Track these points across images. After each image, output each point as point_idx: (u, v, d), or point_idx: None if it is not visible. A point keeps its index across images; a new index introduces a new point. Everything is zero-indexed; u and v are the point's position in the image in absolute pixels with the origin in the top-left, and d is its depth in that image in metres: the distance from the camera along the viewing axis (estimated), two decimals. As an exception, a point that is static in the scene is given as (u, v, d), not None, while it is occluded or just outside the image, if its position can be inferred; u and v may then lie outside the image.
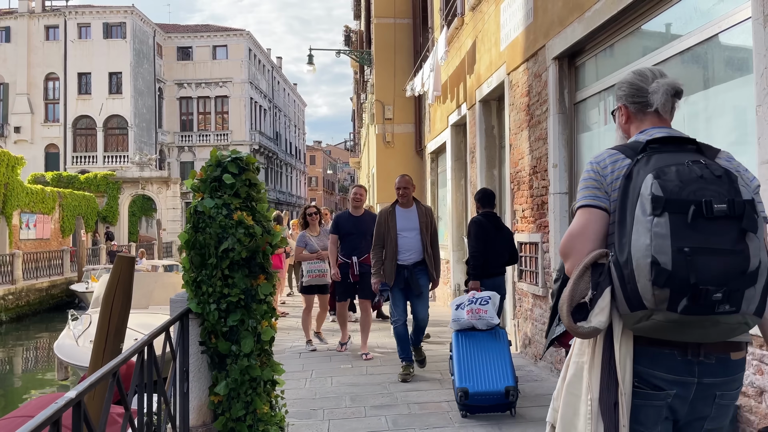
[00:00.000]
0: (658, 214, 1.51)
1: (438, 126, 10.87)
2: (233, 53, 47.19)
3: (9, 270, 17.72)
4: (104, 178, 31.86)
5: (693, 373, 1.62)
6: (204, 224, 3.34)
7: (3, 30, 42.13)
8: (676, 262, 1.48)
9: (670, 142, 1.72)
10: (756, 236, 1.52)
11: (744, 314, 1.52)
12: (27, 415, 4.79)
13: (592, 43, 4.89)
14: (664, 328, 1.57)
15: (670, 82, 1.85)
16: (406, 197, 5.57)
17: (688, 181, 1.53)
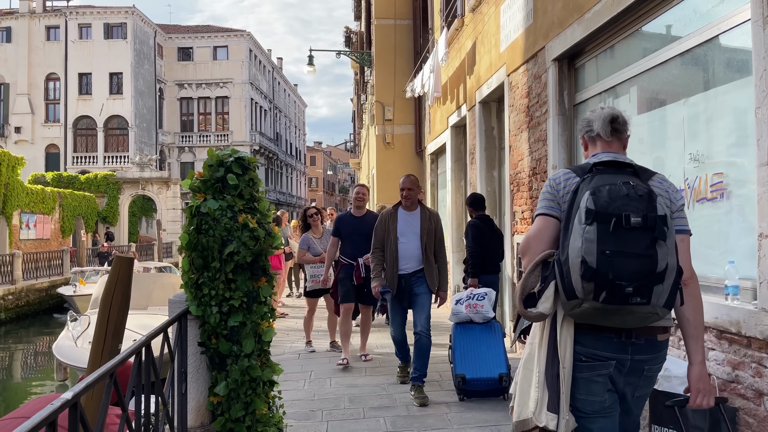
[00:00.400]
0: (589, 223, 1.89)
1: (438, 127, 10.87)
2: (234, 54, 47.23)
3: (9, 270, 17.72)
4: (104, 179, 31.88)
5: (627, 352, 2.02)
6: (207, 226, 3.33)
7: (4, 30, 42.17)
8: (600, 262, 1.86)
9: (612, 165, 2.09)
10: (665, 244, 1.88)
11: (654, 306, 1.89)
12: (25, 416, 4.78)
13: (591, 44, 4.89)
14: (591, 314, 1.94)
15: (606, 110, 2.26)
16: (410, 199, 5.07)
17: (616, 198, 1.91)
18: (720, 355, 3.16)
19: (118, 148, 41.51)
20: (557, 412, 2.00)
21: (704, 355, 2.19)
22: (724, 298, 3.16)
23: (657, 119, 4.11)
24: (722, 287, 3.21)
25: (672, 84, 3.96)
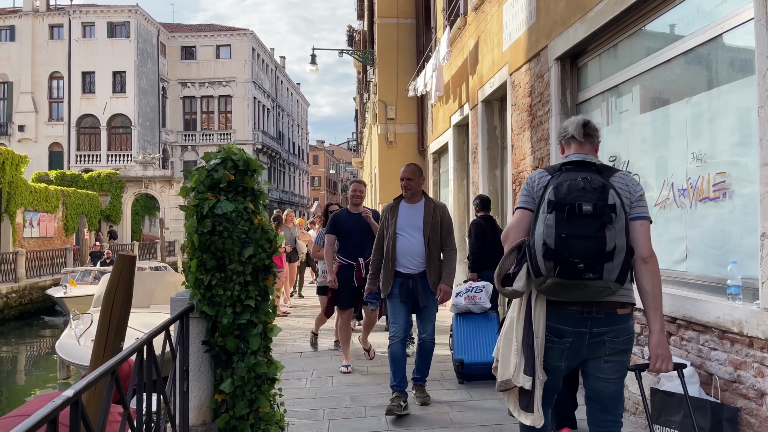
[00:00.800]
0: (549, 212, 2.29)
1: (440, 126, 10.86)
2: (237, 53, 47.27)
3: (12, 268, 17.77)
4: (107, 177, 31.94)
5: (586, 326, 2.40)
6: (223, 228, 3.34)
7: (8, 29, 42.28)
8: (557, 243, 2.25)
9: (580, 164, 2.44)
10: (614, 227, 2.24)
11: (606, 281, 2.25)
12: (26, 414, 4.80)
13: (594, 43, 4.88)
14: (554, 289, 2.32)
15: (579, 116, 2.68)
16: (411, 190, 4.53)
17: (573, 191, 2.29)
18: (722, 355, 3.15)
19: (121, 147, 41.58)
20: (532, 374, 2.41)
21: (663, 324, 2.47)
22: (727, 297, 3.15)
23: (660, 118, 4.10)
24: (724, 287, 3.20)
25: (675, 83, 3.95)
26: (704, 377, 3.27)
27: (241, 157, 3.60)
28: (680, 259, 3.76)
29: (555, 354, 2.46)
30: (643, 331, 3.91)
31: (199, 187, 3.43)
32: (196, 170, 3.51)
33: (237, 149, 3.69)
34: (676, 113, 3.89)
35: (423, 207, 4.54)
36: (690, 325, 3.41)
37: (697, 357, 3.34)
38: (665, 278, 3.86)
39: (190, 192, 3.48)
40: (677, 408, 3.21)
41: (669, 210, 3.88)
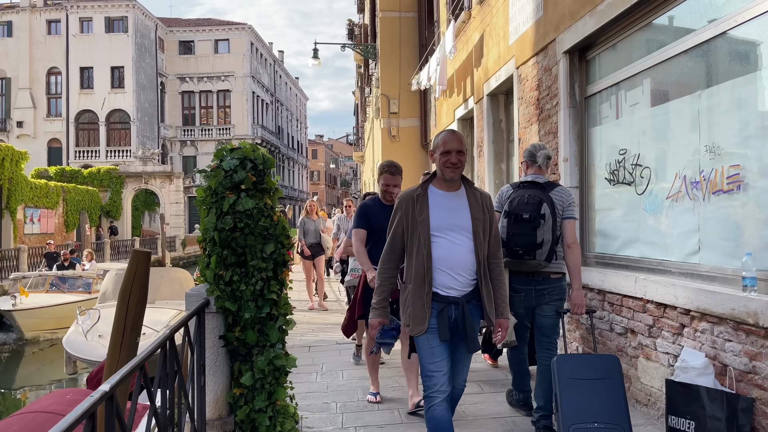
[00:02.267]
0: (504, 218, 3.87)
1: (444, 120, 10.86)
2: (235, 47, 47.14)
3: (15, 264, 17.78)
4: (107, 173, 31.92)
5: (532, 285, 3.92)
6: (244, 224, 3.37)
7: (5, 24, 42.12)
8: (508, 238, 3.82)
9: (531, 183, 3.91)
10: (543, 228, 3.76)
11: (538, 260, 3.79)
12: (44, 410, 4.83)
13: (603, 36, 4.88)
14: (511, 264, 3.85)
15: (545, 150, 4.07)
16: (459, 168, 2.99)
17: (519, 204, 3.82)
18: (737, 347, 3.18)
19: (120, 142, 41.52)
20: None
21: (580, 284, 3.86)
22: (742, 289, 3.17)
23: (671, 111, 4.11)
24: (739, 279, 3.22)
25: (686, 76, 3.96)
26: (719, 368, 3.29)
27: (259, 156, 3.62)
28: (693, 251, 3.78)
29: (517, 303, 3.97)
30: (655, 323, 3.93)
31: (218, 188, 3.46)
32: (213, 172, 3.53)
33: (252, 146, 3.72)
34: (688, 106, 3.90)
35: (466, 196, 3.03)
36: (704, 316, 3.43)
37: (711, 348, 3.37)
38: (678, 270, 3.89)
39: (208, 192, 3.50)
40: (692, 399, 3.23)
41: (681, 203, 3.89)
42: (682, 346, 3.60)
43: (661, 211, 4.12)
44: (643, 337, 4.06)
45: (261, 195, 3.65)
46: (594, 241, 5.14)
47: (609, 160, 4.86)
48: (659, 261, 4.12)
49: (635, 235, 4.49)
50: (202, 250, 3.61)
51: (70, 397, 5.38)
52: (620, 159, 4.66)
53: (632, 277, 4.19)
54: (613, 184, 4.80)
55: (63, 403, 4.58)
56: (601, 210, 5.06)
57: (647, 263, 4.25)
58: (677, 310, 3.68)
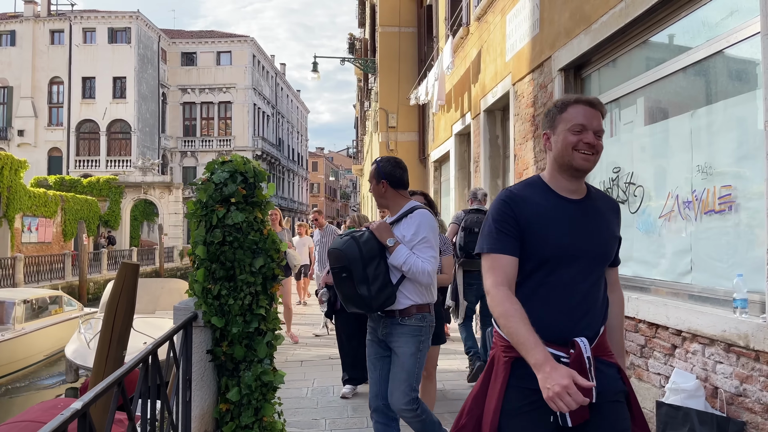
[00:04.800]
0: (461, 231, 5.53)
1: (442, 135, 10.88)
2: (237, 59, 47.39)
3: (11, 273, 17.72)
4: (107, 183, 31.92)
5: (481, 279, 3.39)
6: (233, 238, 3.34)
7: (8, 34, 42.35)
8: (464, 244, 5.47)
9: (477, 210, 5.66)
10: None
11: None
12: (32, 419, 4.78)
13: (598, 55, 4.89)
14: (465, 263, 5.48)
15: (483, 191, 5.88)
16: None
17: (471, 222, 5.51)
18: (728, 369, 3.14)
19: (120, 152, 41.59)
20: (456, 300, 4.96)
21: None
22: (732, 311, 3.14)
23: (664, 130, 4.11)
24: (730, 300, 3.20)
25: (680, 95, 3.96)
26: (710, 390, 3.26)
27: (249, 170, 3.60)
28: (685, 271, 3.75)
29: (469, 293, 5.47)
30: (647, 343, 3.90)
31: (208, 201, 3.43)
32: (203, 185, 3.51)
33: (243, 159, 3.70)
34: (680, 125, 3.90)
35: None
36: (695, 337, 3.40)
37: (702, 370, 3.33)
38: (670, 290, 3.86)
39: (198, 206, 3.48)
40: (682, 422, 3.19)
41: (674, 222, 3.88)
42: (674, 367, 3.57)
43: (654, 230, 4.10)
44: (635, 357, 4.02)
45: (251, 208, 3.63)
46: (588, 259, 5.12)
47: (603, 178, 4.85)
48: (651, 280, 4.10)
49: (628, 253, 4.47)
50: (192, 262, 3.59)
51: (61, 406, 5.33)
52: (614, 177, 4.65)
53: (624, 296, 4.15)
54: (607, 202, 4.78)
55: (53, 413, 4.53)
56: (594, 228, 5.04)
57: (639, 282, 4.23)
58: (669, 331, 3.64)
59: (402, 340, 3.10)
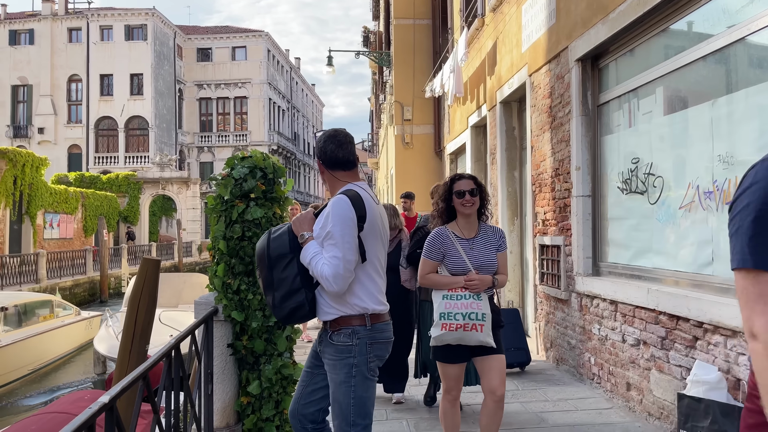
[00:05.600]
0: None
1: (457, 127, 10.84)
2: (252, 54, 47.55)
3: (34, 269, 18.02)
4: (125, 179, 32.30)
5: None
6: (253, 233, 3.37)
7: (27, 32, 42.91)
8: None
9: None
10: None
11: None
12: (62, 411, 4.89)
13: (616, 44, 4.84)
14: None
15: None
16: None
17: None
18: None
19: (138, 149, 42.02)
20: None
21: None
22: (755, 302, 3.10)
23: (684, 120, 4.06)
24: (753, 291, 3.15)
25: (700, 84, 3.90)
26: (732, 382, 3.23)
27: (269, 165, 3.63)
28: (706, 262, 3.71)
29: None
30: (668, 335, 3.87)
31: (227, 197, 3.47)
32: (223, 180, 3.54)
33: (262, 155, 3.73)
34: (700, 115, 3.84)
35: None
36: (717, 329, 3.36)
37: (724, 362, 3.30)
38: (691, 281, 3.82)
39: (218, 201, 3.52)
40: (704, 414, 3.17)
41: (694, 212, 3.83)
42: (695, 358, 3.54)
43: (674, 221, 4.06)
44: (656, 349, 4.00)
45: (270, 204, 3.66)
46: (606, 251, 5.08)
47: (621, 169, 4.81)
48: (672, 272, 4.06)
49: (648, 245, 4.43)
50: (211, 257, 3.63)
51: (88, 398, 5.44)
52: (633, 168, 4.61)
53: (645, 287, 4.13)
54: (626, 193, 4.74)
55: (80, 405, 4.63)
56: (613, 219, 5.00)
57: (660, 274, 4.19)
58: (690, 323, 3.61)
59: (330, 363, 2.50)
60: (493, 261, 3.18)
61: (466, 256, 3.14)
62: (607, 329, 4.68)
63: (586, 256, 5.16)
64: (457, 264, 3.15)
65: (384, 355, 2.60)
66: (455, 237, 3.18)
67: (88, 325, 13.20)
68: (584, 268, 5.14)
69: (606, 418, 4.31)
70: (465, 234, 3.21)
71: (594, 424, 4.20)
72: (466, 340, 3.06)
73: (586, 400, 4.73)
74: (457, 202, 3.20)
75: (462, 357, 3.15)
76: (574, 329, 5.35)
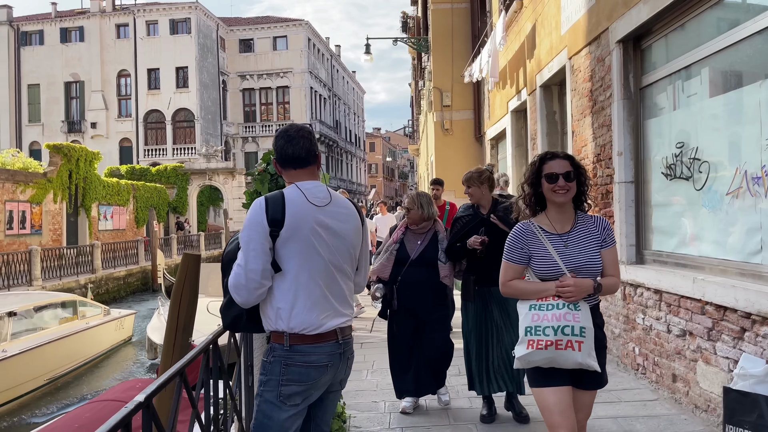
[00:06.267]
0: None
1: (498, 112, 10.68)
2: (293, 43, 47.87)
3: (89, 260, 18.77)
4: (173, 170, 33.15)
5: None
6: None
7: (77, 30, 44.34)
8: None
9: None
10: None
11: None
12: (114, 399, 5.11)
13: (659, 24, 4.65)
14: None
15: None
16: None
17: None
18: (802, 354, 2.98)
19: (185, 140, 43.02)
20: None
21: None
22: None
23: (731, 102, 3.88)
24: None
25: (748, 64, 3.72)
26: (782, 376, 3.10)
27: None
28: (755, 250, 3.56)
29: None
30: (715, 326, 3.74)
31: (264, 192, 3.52)
32: (259, 176, 3.59)
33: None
34: (749, 96, 3.67)
35: None
36: (765, 320, 3.23)
37: (773, 355, 3.18)
38: (738, 270, 3.67)
39: (255, 197, 3.57)
40: (750, 409, 3.06)
41: (742, 199, 3.68)
42: (743, 351, 3.42)
43: (721, 208, 3.91)
44: (702, 340, 3.87)
45: None
46: (650, 239, 4.94)
47: (666, 154, 4.65)
48: (719, 261, 3.92)
49: (693, 232, 4.28)
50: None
51: (139, 386, 5.68)
52: (677, 153, 4.44)
53: (690, 276, 4.00)
54: (670, 179, 4.58)
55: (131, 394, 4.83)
56: (657, 206, 4.84)
57: (706, 263, 4.05)
58: (737, 313, 3.48)
59: None
60: (595, 261, 2.51)
61: (559, 257, 2.49)
62: (652, 319, 4.56)
63: (630, 243, 5.03)
64: (547, 267, 2.50)
65: (307, 382, 2.27)
66: (544, 233, 2.54)
67: (119, 325, 12.56)
68: (627, 256, 5.00)
69: (651, 410, 4.21)
70: (557, 228, 2.55)
71: (638, 416, 4.11)
72: (559, 361, 2.40)
73: (630, 391, 4.63)
74: (548, 188, 2.52)
75: (562, 377, 2.46)
76: (617, 318, 5.23)
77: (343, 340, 2.36)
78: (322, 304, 2.27)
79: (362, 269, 2.54)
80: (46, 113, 44.17)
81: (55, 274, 16.98)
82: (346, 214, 2.39)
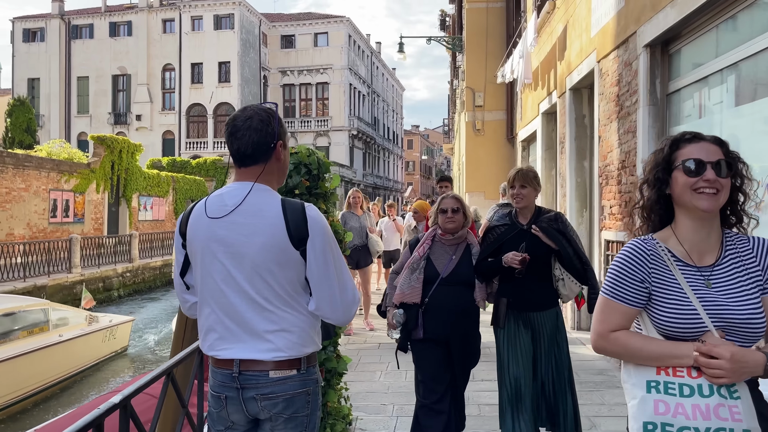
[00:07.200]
0: None
1: (529, 114, 10.52)
2: (334, 40, 48.14)
3: (127, 249, 19.31)
4: (213, 163, 33.78)
5: None
6: None
7: (125, 24, 45.61)
8: None
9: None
10: None
11: None
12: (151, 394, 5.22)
13: (688, 28, 4.50)
14: None
15: None
16: None
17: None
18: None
19: (226, 134, 43.81)
20: None
21: None
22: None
23: (757, 110, 3.73)
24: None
25: (774, 73, 3.57)
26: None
27: (314, 161, 3.68)
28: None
29: None
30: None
31: None
32: None
33: (308, 150, 3.78)
34: (775, 107, 3.51)
35: None
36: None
37: None
38: None
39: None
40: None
41: (764, 213, 3.52)
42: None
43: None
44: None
45: (315, 199, 3.72)
46: (672, 250, 4.78)
47: (690, 163, 4.49)
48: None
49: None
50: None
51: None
52: (701, 162, 4.29)
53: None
54: (694, 190, 4.43)
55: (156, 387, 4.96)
56: (680, 216, 4.69)
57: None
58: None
59: None
60: (755, 313, 1.53)
61: (698, 302, 1.54)
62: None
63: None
64: (679, 317, 1.55)
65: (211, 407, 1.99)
66: (674, 260, 1.60)
67: (107, 335, 10.57)
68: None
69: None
70: (693, 257, 1.61)
71: (649, 433, 3.99)
72: None
73: (644, 406, 4.50)
74: (684, 185, 1.58)
75: None
76: (636, 330, 5.10)
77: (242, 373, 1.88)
78: (218, 330, 1.93)
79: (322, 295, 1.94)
80: (94, 105, 45.60)
81: (93, 262, 17.52)
82: (252, 225, 1.88)
